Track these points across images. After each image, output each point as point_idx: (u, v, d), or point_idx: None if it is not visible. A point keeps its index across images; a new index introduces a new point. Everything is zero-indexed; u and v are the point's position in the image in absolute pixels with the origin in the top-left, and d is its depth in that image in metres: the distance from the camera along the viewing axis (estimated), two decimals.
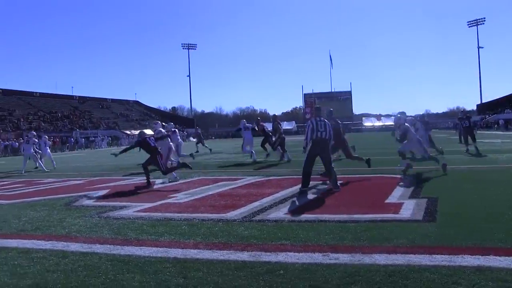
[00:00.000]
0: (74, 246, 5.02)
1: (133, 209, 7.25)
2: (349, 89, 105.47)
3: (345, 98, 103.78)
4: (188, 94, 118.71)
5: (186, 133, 78.52)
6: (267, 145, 17.73)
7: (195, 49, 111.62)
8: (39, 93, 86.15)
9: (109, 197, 8.82)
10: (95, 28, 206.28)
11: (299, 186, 8.57)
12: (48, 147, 20.53)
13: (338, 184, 8.41)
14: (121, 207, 7.46)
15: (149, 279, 3.75)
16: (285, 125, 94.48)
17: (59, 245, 5.10)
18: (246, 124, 18.34)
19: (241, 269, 3.90)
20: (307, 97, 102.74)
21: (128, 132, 76.90)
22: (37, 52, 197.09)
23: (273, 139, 16.62)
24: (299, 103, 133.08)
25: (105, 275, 3.93)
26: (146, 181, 10.43)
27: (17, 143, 46.12)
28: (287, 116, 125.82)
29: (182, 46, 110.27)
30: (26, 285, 3.81)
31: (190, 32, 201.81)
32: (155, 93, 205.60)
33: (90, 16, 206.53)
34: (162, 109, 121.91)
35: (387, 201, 6.99)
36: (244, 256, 4.29)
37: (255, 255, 4.31)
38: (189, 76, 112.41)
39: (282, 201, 7.37)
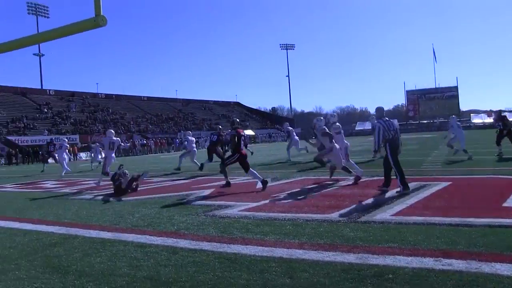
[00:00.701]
0: (183, 243, 5.23)
1: (237, 208, 7.40)
2: (455, 84, 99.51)
3: (450, 94, 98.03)
4: (288, 94, 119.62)
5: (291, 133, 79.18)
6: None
7: (293, 49, 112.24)
8: (146, 97, 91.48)
9: (214, 196, 9.09)
10: (195, 34, 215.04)
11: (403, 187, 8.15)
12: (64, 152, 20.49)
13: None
14: (226, 206, 7.65)
15: (256, 278, 3.79)
16: None
17: (169, 241, 5.34)
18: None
19: (348, 271, 3.81)
20: (409, 94, 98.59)
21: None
22: (145, 59, 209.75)
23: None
24: (401, 100, 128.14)
25: (213, 272, 4.04)
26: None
27: (127, 144, 49.31)
28: (389, 114, 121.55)
29: (280, 46, 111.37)
30: (142, 276, 4.04)
31: (288, 32, 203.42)
32: (255, 94, 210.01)
33: (190, 23, 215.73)
34: (262, 110, 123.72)
35: (505, 204, 6.44)
36: (351, 258, 4.19)
37: (361, 257, 4.19)
38: (288, 76, 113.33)
39: (388, 202, 7.11)
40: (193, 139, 19.40)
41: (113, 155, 13.25)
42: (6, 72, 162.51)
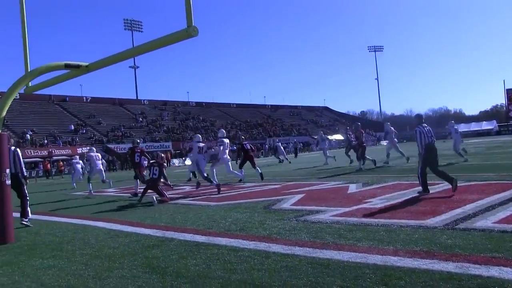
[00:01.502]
0: (275, 247, 5.26)
1: (329, 213, 7.32)
2: None
3: None
4: (377, 97, 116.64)
5: (375, 137, 77.17)
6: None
7: (381, 51, 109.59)
8: (236, 104, 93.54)
9: (305, 201, 9.06)
10: (283, 40, 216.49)
11: (505, 193, 7.80)
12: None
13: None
14: (317, 211, 7.59)
15: (350, 285, 3.72)
16: (485, 125, 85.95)
17: (262, 246, 5.40)
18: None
19: (448, 280, 3.62)
20: (510, 92, 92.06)
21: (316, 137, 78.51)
22: (234, 67, 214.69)
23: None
24: (500, 100, 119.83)
25: (306, 277, 4.02)
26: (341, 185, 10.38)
27: (213, 150, 50.75)
28: (487, 115, 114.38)
29: (368, 49, 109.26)
30: (236, 279, 4.12)
31: (375, 34, 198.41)
32: (343, 98, 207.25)
33: (277, 30, 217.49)
34: (351, 114, 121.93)
35: None
36: (450, 266, 3.97)
37: (462, 266, 3.96)
38: (377, 78, 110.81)
39: (489, 208, 6.65)
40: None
41: (203, 158, 13.52)
42: (105, 84, 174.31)
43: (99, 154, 18.06)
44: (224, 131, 16.77)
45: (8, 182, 7.44)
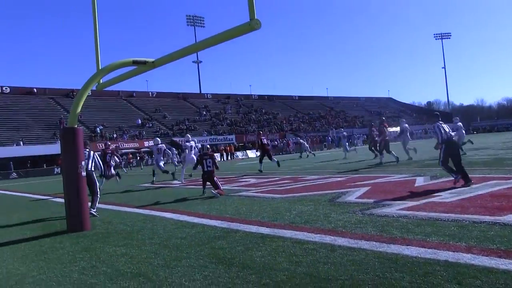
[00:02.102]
0: (341, 241, 5.18)
1: (395, 207, 7.13)
2: None
3: None
4: (444, 86, 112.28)
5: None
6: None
7: (449, 38, 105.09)
8: (298, 96, 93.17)
9: (370, 194, 8.88)
10: (344, 31, 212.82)
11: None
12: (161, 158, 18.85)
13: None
14: (384, 205, 7.41)
15: (420, 281, 3.60)
16: None
17: (327, 239, 5.34)
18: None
19: None
20: None
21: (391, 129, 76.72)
22: (295, 59, 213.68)
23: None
24: None
25: (373, 272, 3.93)
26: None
27: (281, 144, 50.90)
28: None
29: (434, 36, 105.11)
30: (301, 272, 4.10)
31: (442, 21, 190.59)
32: (408, 88, 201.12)
33: (338, 20, 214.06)
34: (416, 105, 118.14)
35: None
36: None
37: None
38: (444, 67, 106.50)
39: None
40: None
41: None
42: (170, 80, 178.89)
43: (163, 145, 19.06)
44: (189, 136, 19.49)
45: (84, 173, 7.85)
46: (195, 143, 18.89)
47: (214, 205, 9.36)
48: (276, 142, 58.23)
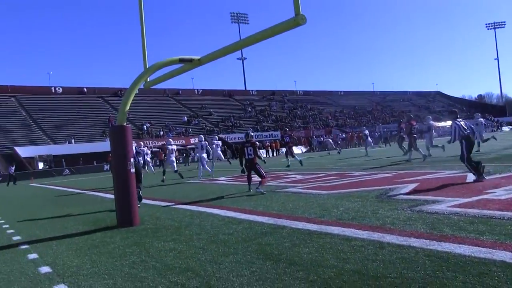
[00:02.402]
0: (389, 238, 5.09)
1: (446, 204, 6.92)
2: None
3: None
4: (497, 79, 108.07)
5: (496, 123, 71.74)
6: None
7: (503, 27, 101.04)
8: (343, 91, 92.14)
9: (419, 191, 8.66)
10: (390, 23, 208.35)
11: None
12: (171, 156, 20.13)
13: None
14: (433, 201, 7.22)
15: (474, 281, 3.47)
16: None
17: (375, 236, 5.25)
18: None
19: None
20: None
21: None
22: (340, 54, 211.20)
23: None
24: None
25: (424, 270, 3.84)
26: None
27: (330, 139, 50.48)
28: None
29: (486, 26, 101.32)
30: (350, 269, 4.05)
31: (494, 9, 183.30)
32: (458, 81, 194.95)
33: (383, 15, 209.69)
34: (466, 98, 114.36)
35: None
36: None
37: None
38: (497, 59, 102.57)
39: None
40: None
41: None
42: (215, 77, 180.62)
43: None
44: (202, 136, 20.50)
45: (133, 170, 8.05)
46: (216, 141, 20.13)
47: (260, 201, 9.39)
48: (322, 138, 57.81)
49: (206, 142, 19.81)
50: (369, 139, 27.86)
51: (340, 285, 3.67)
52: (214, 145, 19.54)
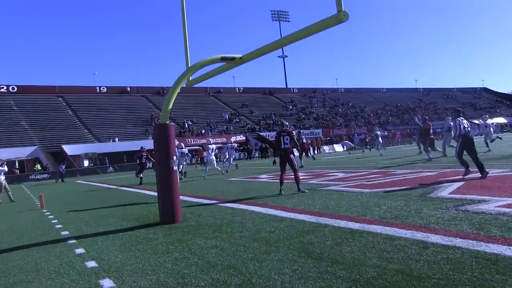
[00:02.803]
0: (433, 238, 4.98)
1: (494, 203, 6.70)
2: None
3: None
4: None
5: None
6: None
7: None
8: (386, 88, 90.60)
9: (465, 190, 8.43)
10: (431, 19, 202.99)
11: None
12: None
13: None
14: (480, 201, 7.01)
15: None
16: None
17: (419, 235, 5.16)
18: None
19: None
20: None
21: (476, 121, 72.58)
22: (381, 50, 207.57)
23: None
24: None
25: (471, 272, 3.74)
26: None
27: (369, 137, 49.76)
28: None
29: None
30: (393, 269, 4.00)
31: None
32: (506, 77, 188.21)
33: (426, 11, 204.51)
34: None
35: None
36: None
37: None
38: None
39: None
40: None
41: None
42: (256, 75, 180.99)
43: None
44: (211, 139, 21.42)
45: (175, 168, 8.19)
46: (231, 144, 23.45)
47: (302, 199, 9.36)
48: (363, 136, 57.02)
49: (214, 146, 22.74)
50: (380, 139, 28.63)
51: (383, 285, 3.63)
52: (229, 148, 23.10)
